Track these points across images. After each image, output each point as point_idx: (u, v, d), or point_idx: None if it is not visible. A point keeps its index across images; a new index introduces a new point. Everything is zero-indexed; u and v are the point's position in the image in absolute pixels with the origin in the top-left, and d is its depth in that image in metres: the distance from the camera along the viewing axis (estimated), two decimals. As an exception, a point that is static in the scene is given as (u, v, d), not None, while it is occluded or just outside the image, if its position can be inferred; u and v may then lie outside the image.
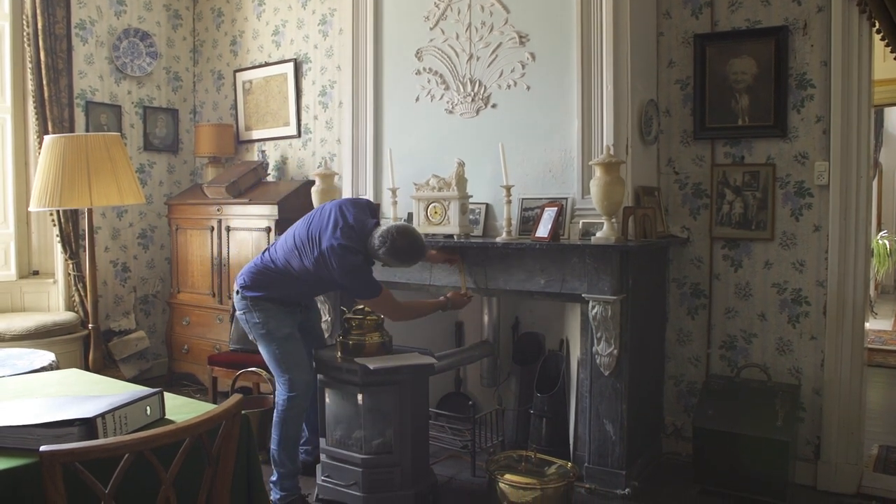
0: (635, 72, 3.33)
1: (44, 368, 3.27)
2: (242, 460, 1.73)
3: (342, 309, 3.39)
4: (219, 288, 4.92)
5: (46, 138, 3.68)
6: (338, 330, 3.68)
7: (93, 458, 1.30)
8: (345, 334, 3.10)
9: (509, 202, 3.38)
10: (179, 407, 1.89)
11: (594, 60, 3.32)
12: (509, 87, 3.59)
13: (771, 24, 3.38)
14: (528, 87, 3.53)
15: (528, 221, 3.46)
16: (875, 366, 5.42)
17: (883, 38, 3.10)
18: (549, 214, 3.30)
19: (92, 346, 3.90)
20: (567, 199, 3.41)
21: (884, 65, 3.88)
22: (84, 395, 2.01)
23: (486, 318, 3.91)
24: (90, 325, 3.97)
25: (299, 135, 5.06)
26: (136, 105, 5.36)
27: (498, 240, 3.40)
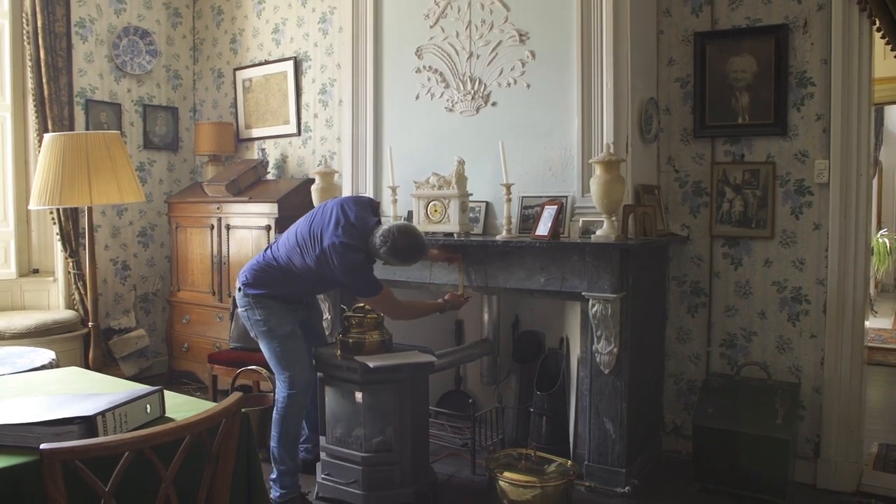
0: (635, 70, 3.33)
1: (44, 367, 3.27)
2: (242, 458, 1.73)
3: (342, 307, 3.39)
4: (219, 286, 4.92)
5: (46, 136, 3.68)
6: (338, 328, 3.69)
7: (93, 456, 1.31)
8: (345, 332, 3.10)
9: (509, 200, 3.38)
10: (179, 405, 1.89)
11: (594, 58, 3.31)
12: (509, 85, 3.58)
13: (771, 23, 3.38)
14: (528, 86, 3.53)
15: (528, 220, 3.46)
16: (875, 364, 5.42)
17: (883, 37, 3.10)
18: (549, 213, 3.30)
19: (92, 345, 3.90)
20: (567, 197, 3.41)
21: (884, 63, 3.89)
22: (84, 393, 2.01)
23: (486, 317, 3.91)
24: (90, 324, 3.98)
25: (299, 133, 5.06)
26: (135, 103, 5.36)
27: (498, 238, 3.39)
